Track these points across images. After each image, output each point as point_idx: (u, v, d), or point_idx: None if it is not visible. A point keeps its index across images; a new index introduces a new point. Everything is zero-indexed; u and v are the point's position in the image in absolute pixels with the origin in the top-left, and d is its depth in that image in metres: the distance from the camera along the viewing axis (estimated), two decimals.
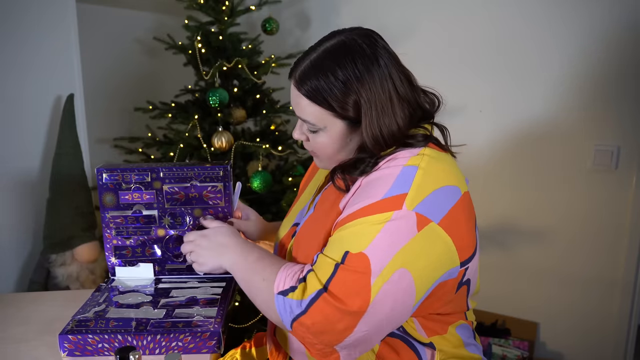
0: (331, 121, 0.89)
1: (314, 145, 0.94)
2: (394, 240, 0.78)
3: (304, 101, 0.89)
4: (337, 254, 0.80)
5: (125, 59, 2.44)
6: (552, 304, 2.12)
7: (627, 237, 1.95)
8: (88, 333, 0.88)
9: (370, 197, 0.82)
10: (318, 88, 0.86)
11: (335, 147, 0.92)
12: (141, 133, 2.22)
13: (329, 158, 0.94)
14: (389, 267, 0.77)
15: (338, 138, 0.90)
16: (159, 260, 1.10)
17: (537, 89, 2.04)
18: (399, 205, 0.79)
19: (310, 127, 0.91)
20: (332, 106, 0.86)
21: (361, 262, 0.77)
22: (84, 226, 1.85)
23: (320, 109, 0.88)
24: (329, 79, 0.85)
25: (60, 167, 1.83)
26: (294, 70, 0.91)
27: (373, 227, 0.79)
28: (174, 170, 1.07)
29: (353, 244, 0.79)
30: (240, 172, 2.07)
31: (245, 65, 1.97)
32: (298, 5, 2.52)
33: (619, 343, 2.01)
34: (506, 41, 2.06)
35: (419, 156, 0.85)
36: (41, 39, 1.86)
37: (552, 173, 2.05)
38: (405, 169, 0.83)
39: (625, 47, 1.87)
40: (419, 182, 0.82)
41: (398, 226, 0.79)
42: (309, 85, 0.87)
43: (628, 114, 1.90)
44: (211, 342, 0.88)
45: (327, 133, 0.90)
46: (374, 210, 0.80)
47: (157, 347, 0.88)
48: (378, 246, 0.78)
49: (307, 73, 0.87)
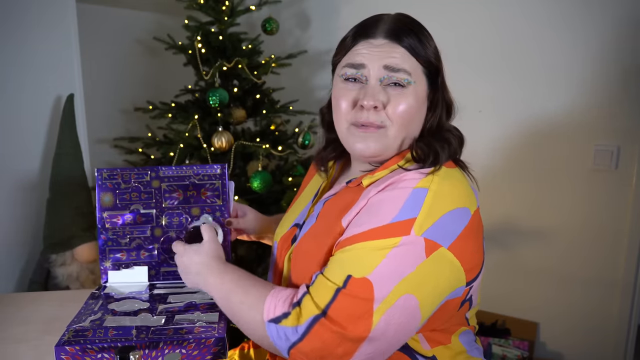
0: (421, 77, 0.88)
1: (397, 110, 0.86)
2: (400, 267, 0.76)
3: (400, 51, 0.86)
4: (338, 277, 0.77)
5: (125, 59, 2.44)
6: (552, 304, 2.12)
7: (627, 237, 1.95)
8: (87, 343, 0.84)
9: (378, 219, 0.79)
10: (416, 41, 0.87)
11: (415, 110, 0.87)
12: (141, 133, 2.22)
13: (403, 128, 0.87)
14: (394, 293, 0.75)
15: (420, 99, 0.88)
16: (154, 263, 1.08)
17: (537, 89, 2.04)
18: (407, 231, 0.76)
19: (402, 79, 0.85)
20: (428, 58, 0.87)
21: (364, 288, 0.74)
22: (84, 226, 1.85)
23: (416, 62, 0.87)
24: (424, 35, 0.89)
25: (60, 167, 1.83)
26: (374, 27, 0.88)
27: (379, 252, 0.76)
28: (172, 169, 1.07)
29: (356, 268, 0.76)
30: (240, 172, 2.07)
31: (245, 65, 1.97)
32: (298, 5, 2.52)
33: (619, 343, 2.01)
34: (506, 41, 2.06)
35: (428, 177, 0.82)
36: (41, 39, 1.86)
37: (552, 173, 2.05)
38: (415, 191, 0.79)
39: (625, 47, 1.87)
40: (429, 205, 0.78)
41: (405, 252, 0.76)
42: (406, 37, 0.86)
43: (628, 114, 1.90)
44: (216, 348, 0.85)
45: (414, 89, 0.86)
46: (381, 235, 0.77)
47: (159, 355, 0.85)
48: (383, 272, 0.75)
49: (401, 28, 0.87)
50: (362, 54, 0.86)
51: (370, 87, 0.85)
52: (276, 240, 1.03)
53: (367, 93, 0.85)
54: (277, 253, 1.00)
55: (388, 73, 0.85)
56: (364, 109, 0.85)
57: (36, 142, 1.91)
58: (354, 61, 0.87)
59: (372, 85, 0.86)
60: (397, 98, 0.85)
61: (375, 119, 0.85)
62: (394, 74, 0.85)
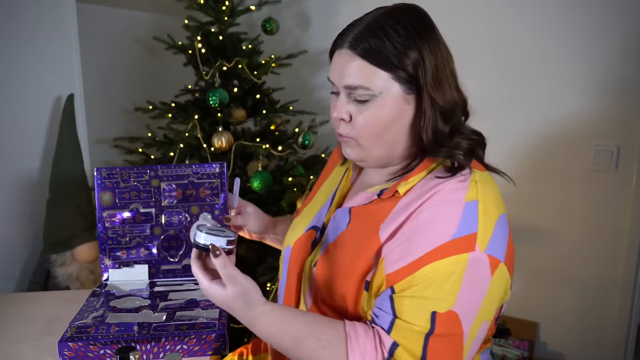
0: (387, 84, 0.80)
1: (359, 124, 0.83)
2: (477, 291, 0.74)
3: (357, 63, 0.80)
4: (422, 318, 0.72)
5: (125, 59, 2.44)
6: (552, 304, 2.12)
7: (627, 237, 1.95)
8: (89, 340, 0.86)
9: (436, 238, 0.75)
10: (377, 46, 0.79)
11: (384, 122, 0.82)
12: (141, 133, 2.22)
13: (374, 140, 0.83)
14: (476, 322, 0.73)
15: (390, 108, 0.81)
16: (154, 261, 1.09)
17: (536, 89, 2.03)
18: (471, 246, 0.74)
19: (362, 95, 0.81)
20: (391, 62, 0.79)
21: (452, 323, 0.72)
22: (84, 226, 1.85)
23: (377, 70, 0.80)
24: (389, 35, 0.79)
25: (60, 167, 1.83)
26: (343, 36, 0.84)
27: (453, 277, 0.72)
28: (172, 167, 1.08)
29: (438, 303, 0.72)
30: (240, 172, 2.07)
31: (245, 65, 1.97)
32: (298, 5, 2.52)
33: (619, 343, 2.01)
34: (506, 42, 2.06)
35: (472, 186, 0.79)
36: (41, 39, 1.86)
37: (552, 173, 2.05)
38: (468, 205, 0.76)
39: (625, 47, 1.87)
40: (483, 218, 0.76)
41: (478, 273, 0.74)
42: (365, 44, 0.80)
43: (628, 114, 1.90)
44: (217, 343, 0.87)
45: (380, 101, 0.81)
46: (445, 253, 0.73)
47: (161, 351, 0.86)
48: (464, 300, 0.72)
49: (364, 34, 0.80)
50: (332, 69, 0.86)
51: (339, 100, 0.85)
52: (289, 245, 0.97)
53: (335, 106, 0.85)
54: (292, 257, 0.94)
55: (348, 90, 0.83)
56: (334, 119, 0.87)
57: (36, 142, 1.91)
58: (329, 77, 0.87)
59: (340, 98, 0.85)
60: (361, 112, 0.83)
61: (342, 130, 0.86)
62: (352, 91, 0.82)
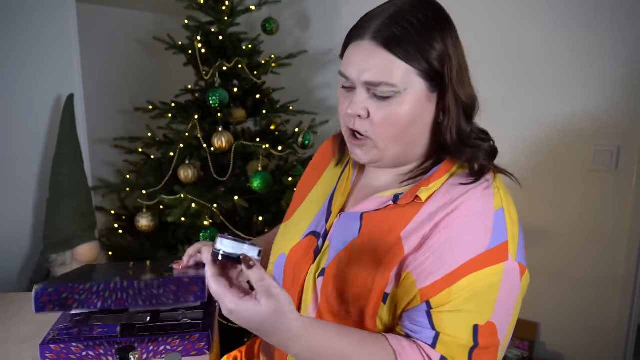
0: (412, 80, 0.76)
1: (378, 122, 0.78)
2: (511, 300, 0.74)
3: (381, 56, 0.75)
4: (465, 332, 0.71)
5: (125, 59, 2.44)
6: (552, 304, 2.12)
7: (627, 237, 1.95)
8: (72, 341, 0.84)
9: (470, 249, 0.73)
10: (402, 37, 0.74)
11: (406, 121, 0.78)
12: (141, 133, 2.22)
13: (392, 140, 0.79)
14: (509, 331, 0.74)
15: (413, 106, 0.77)
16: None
17: (536, 89, 2.03)
18: (505, 256, 0.73)
19: (385, 92, 0.76)
20: (418, 54, 0.75)
21: (491, 334, 0.72)
22: (84, 226, 1.85)
23: (402, 64, 0.75)
24: (414, 25, 0.75)
25: (60, 167, 1.83)
26: (362, 27, 0.78)
27: (491, 288, 0.72)
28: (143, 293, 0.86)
29: (478, 315, 0.71)
30: (240, 172, 2.07)
31: (245, 65, 1.97)
32: (298, 5, 2.52)
33: (618, 343, 2.01)
34: (506, 42, 2.06)
35: (496, 193, 0.78)
36: (41, 39, 1.87)
37: (552, 173, 2.05)
38: (497, 213, 0.76)
39: (625, 47, 1.87)
40: (510, 226, 0.76)
41: (512, 282, 0.74)
42: (390, 34, 0.75)
43: (628, 114, 1.90)
44: (200, 344, 0.87)
45: (403, 98, 0.76)
46: (482, 264, 0.72)
47: (144, 352, 0.86)
48: (500, 310, 0.73)
49: (387, 24, 0.76)
50: (349, 63, 0.80)
51: (357, 95, 0.79)
52: (284, 252, 0.90)
53: (353, 101, 0.79)
54: (289, 266, 0.88)
55: (369, 87, 0.78)
56: (350, 115, 0.80)
57: (36, 142, 1.91)
58: (343, 70, 0.82)
59: (358, 93, 0.79)
60: (381, 110, 0.78)
61: (359, 127, 0.80)
62: (375, 88, 0.77)
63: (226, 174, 1.92)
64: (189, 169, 1.92)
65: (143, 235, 2.09)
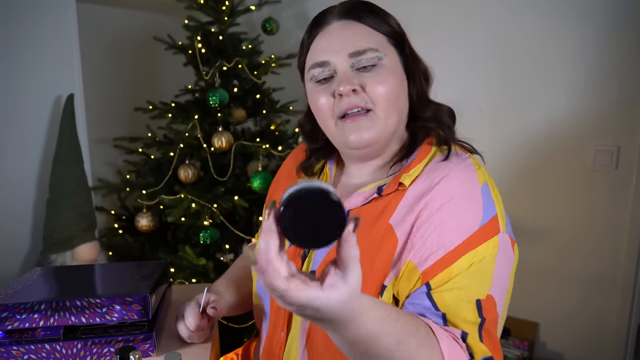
0: (388, 48, 0.83)
1: (373, 91, 0.80)
2: (505, 271, 0.74)
3: (358, 27, 0.82)
4: (469, 309, 0.70)
5: (125, 59, 2.44)
6: (552, 304, 2.12)
7: (627, 237, 1.94)
8: (12, 345, 0.83)
9: (465, 227, 0.73)
10: (368, 10, 0.83)
11: (396, 86, 0.81)
12: (141, 133, 2.22)
13: (390, 107, 0.81)
14: (505, 303, 0.74)
15: (395, 72, 0.82)
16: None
17: (537, 89, 2.03)
18: (497, 228, 0.74)
19: (371, 59, 0.80)
20: (385, 23, 0.83)
21: (492, 308, 0.71)
22: (84, 226, 1.85)
23: (376, 33, 0.82)
24: (367, 4, 0.85)
25: (60, 167, 1.83)
26: (324, 16, 0.85)
27: (488, 261, 0.72)
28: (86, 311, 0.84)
29: (479, 289, 0.71)
30: (240, 172, 2.07)
31: (245, 65, 1.97)
32: (298, 5, 2.52)
33: (619, 343, 2.01)
34: (506, 42, 2.06)
35: (478, 169, 0.79)
36: (41, 39, 1.87)
37: (552, 173, 2.05)
38: (483, 188, 0.76)
39: (625, 47, 1.87)
40: (496, 200, 0.77)
41: (505, 253, 0.74)
42: (357, 11, 0.83)
43: (628, 114, 1.90)
44: (145, 345, 0.86)
45: (387, 65, 0.81)
46: (479, 241, 0.72)
47: (88, 354, 0.85)
48: (497, 282, 0.72)
49: (349, 6, 0.84)
50: (323, 49, 0.82)
51: (342, 75, 0.80)
52: None
53: (341, 80, 0.79)
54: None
55: (355, 58, 0.80)
56: (343, 96, 0.80)
57: (36, 142, 1.91)
58: (316, 60, 0.82)
59: (343, 72, 0.80)
60: (373, 78, 0.80)
61: (359, 101, 0.79)
62: (361, 57, 0.80)
63: (226, 174, 1.92)
64: (189, 169, 1.92)
65: (143, 235, 2.09)
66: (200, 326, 0.89)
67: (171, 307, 1.07)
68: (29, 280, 0.97)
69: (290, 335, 0.84)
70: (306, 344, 0.81)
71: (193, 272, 1.82)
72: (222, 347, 1.13)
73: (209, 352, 0.90)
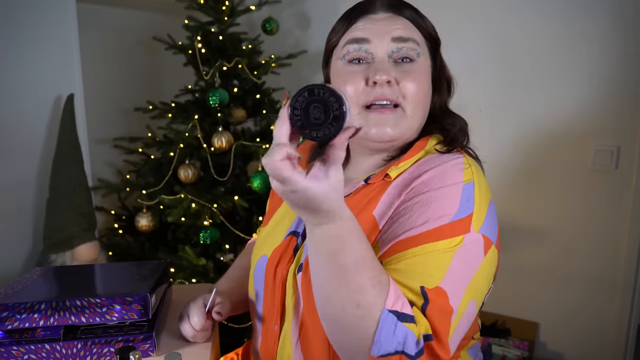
0: (425, 49, 0.84)
1: (408, 87, 0.79)
2: (467, 268, 0.71)
3: (402, 21, 0.82)
4: (412, 292, 0.67)
5: (125, 59, 2.44)
6: (552, 304, 2.12)
7: (627, 237, 1.94)
8: (12, 345, 0.83)
9: (434, 219, 0.71)
10: (405, 7, 0.84)
11: (427, 87, 0.83)
12: (141, 133, 2.22)
13: (419, 106, 0.81)
14: (464, 300, 0.69)
15: (427, 73, 0.83)
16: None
17: (537, 89, 2.03)
18: (467, 228, 0.71)
19: (411, 51, 0.80)
20: (424, 24, 0.84)
21: (441, 298, 0.67)
22: (84, 226, 1.85)
23: (416, 31, 0.83)
24: (407, 3, 0.86)
25: (60, 167, 1.83)
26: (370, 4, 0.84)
27: (445, 254, 0.69)
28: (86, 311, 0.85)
29: (426, 277, 0.68)
30: (240, 172, 2.07)
31: (245, 65, 1.97)
32: (298, 5, 2.52)
33: (619, 343, 2.01)
34: (506, 42, 2.06)
35: (467, 168, 0.77)
36: (41, 39, 1.87)
37: (552, 173, 2.05)
38: (466, 186, 0.75)
39: (625, 47, 1.87)
40: (478, 199, 0.75)
41: (470, 251, 0.71)
42: (396, 4, 0.83)
43: (628, 114, 1.90)
44: (145, 345, 0.87)
45: (422, 64, 0.82)
46: (444, 235, 0.70)
47: (88, 354, 0.85)
48: (453, 278, 0.69)
49: (394, 1, 0.85)
50: (367, 29, 0.80)
51: (379, 63, 0.79)
52: (265, 254, 0.89)
53: (378, 68, 0.77)
54: (271, 267, 0.87)
55: (397, 45, 0.79)
56: (376, 85, 0.77)
57: (36, 142, 1.90)
58: (356, 36, 0.80)
59: (380, 60, 0.79)
60: (409, 74, 0.79)
61: (390, 94, 0.78)
62: (403, 44, 0.79)
63: (226, 174, 1.92)
64: (189, 169, 1.92)
65: (143, 235, 2.09)
66: (205, 326, 0.90)
67: (171, 307, 1.07)
68: (29, 280, 0.97)
69: (283, 328, 0.85)
70: (299, 336, 0.82)
71: (193, 272, 1.82)
72: (222, 347, 1.13)
73: (209, 352, 0.90)
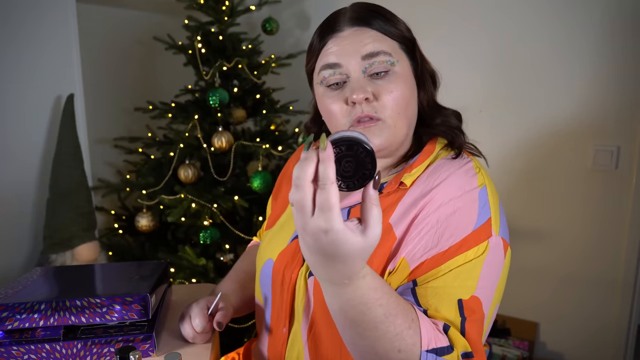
0: (400, 54, 0.83)
1: (385, 99, 0.80)
2: (494, 273, 0.74)
3: (370, 34, 0.81)
4: (450, 308, 0.70)
5: (125, 59, 2.44)
6: (552, 304, 2.12)
7: (627, 237, 1.95)
8: (12, 345, 0.83)
9: (459, 230, 0.74)
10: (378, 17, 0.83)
11: (408, 94, 0.81)
12: (141, 133, 2.22)
13: (401, 116, 0.81)
14: (492, 304, 0.74)
15: (407, 79, 0.82)
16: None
17: (536, 89, 2.03)
18: (489, 232, 0.74)
19: (383, 64, 0.79)
20: (395, 29, 0.82)
21: (477, 307, 0.71)
22: (84, 226, 1.85)
23: (387, 39, 0.82)
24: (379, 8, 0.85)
25: (60, 166, 1.83)
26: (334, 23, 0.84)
27: (475, 264, 0.73)
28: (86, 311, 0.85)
29: (462, 289, 0.71)
30: (240, 172, 2.07)
31: (245, 65, 1.97)
32: (298, 5, 2.52)
33: (619, 343, 2.01)
34: (507, 43, 2.06)
35: (478, 173, 0.80)
36: (41, 39, 1.87)
37: (552, 173, 2.05)
38: (481, 191, 0.77)
39: (625, 47, 1.87)
40: (492, 203, 0.78)
41: (495, 256, 0.74)
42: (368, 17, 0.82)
43: (628, 114, 1.90)
44: (145, 345, 0.87)
45: (399, 72, 0.81)
46: (471, 244, 0.73)
47: (88, 354, 0.85)
48: (484, 284, 0.73)
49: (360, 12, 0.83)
50: (334, 52, 0.81)
51: (354, 82, 0.80)
52: (271, 258, 0.89)
53: (354, 87, 0.79)
54: (278, 270, 0.87)
55: (368, 61, 0.80)
56: (355, 104, 0.80)
57: (36, 142, 1.90)
58: (328, 61, 0.82)
59: (356, 80, 0.80)
60: (385, 87, 0.80)
61: (369, 110, 0.79)
62: (374, 59, 0.80)
63: (226, 174, 1.92)
64: (189, 169, 1.92)
65: (143, 235, 2.09)
66: (206, 328, 0.90)
67: (171, 307, 1.07)
68: (29, 280, 0.97)
69: (292, 331, 0.86)
70: (308, 339, 0.82)
71: (193, 272, 1.82)
72: (222, 347, 1.13)
73: (209, 352, 0.90)
